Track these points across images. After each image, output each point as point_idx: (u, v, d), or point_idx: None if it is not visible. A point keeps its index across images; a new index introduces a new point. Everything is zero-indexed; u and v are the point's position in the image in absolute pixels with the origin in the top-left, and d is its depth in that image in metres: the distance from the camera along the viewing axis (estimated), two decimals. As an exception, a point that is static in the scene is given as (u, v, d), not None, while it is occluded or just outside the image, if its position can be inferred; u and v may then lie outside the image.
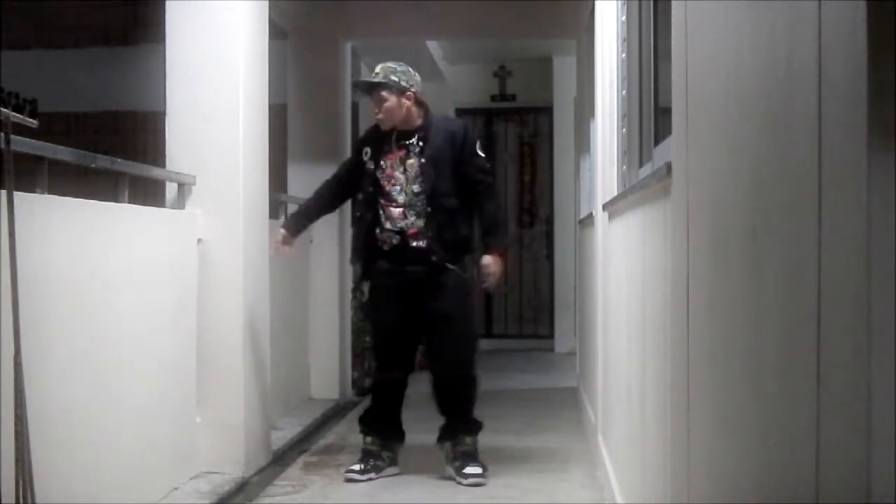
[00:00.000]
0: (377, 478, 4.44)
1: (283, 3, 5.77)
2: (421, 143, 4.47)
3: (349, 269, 6.89)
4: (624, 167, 3.76)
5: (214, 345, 4.28)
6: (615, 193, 3.88)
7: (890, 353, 0.91)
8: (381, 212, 4.43)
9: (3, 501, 2.56)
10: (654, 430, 2.59)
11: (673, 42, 2.20)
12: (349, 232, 6.84)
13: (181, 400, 4.10)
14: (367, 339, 6.70)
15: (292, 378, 5.99)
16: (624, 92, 3.71)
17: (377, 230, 4.44)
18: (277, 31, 6.09)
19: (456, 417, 4.52)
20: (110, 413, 3.40)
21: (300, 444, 5.15)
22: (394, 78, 4.46)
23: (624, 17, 3.75)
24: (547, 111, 9.59)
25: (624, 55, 3.73)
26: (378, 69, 4.53)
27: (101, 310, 3.36)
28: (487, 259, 4.54)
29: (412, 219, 4.41)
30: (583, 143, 6.69)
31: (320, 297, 6.45)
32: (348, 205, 6.70)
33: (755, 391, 1.42)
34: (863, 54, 0.94)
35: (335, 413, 6.09)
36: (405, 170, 4.44)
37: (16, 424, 2.53)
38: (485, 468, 4.40)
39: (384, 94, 4.45)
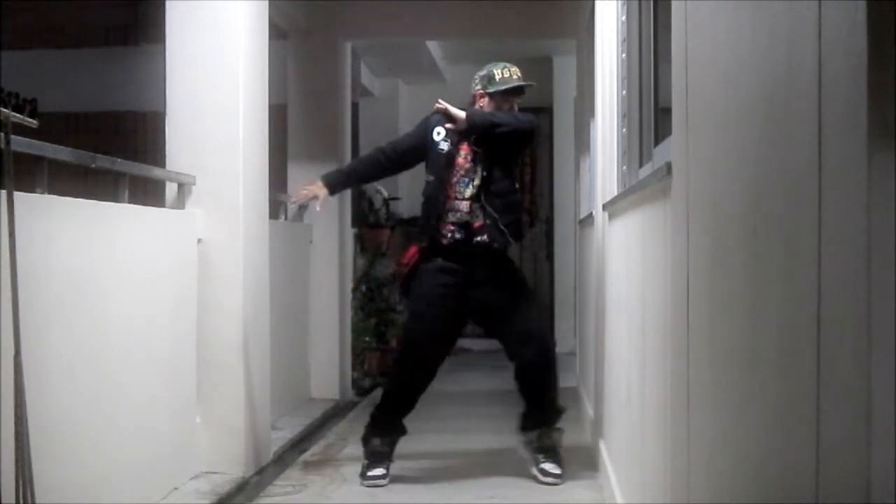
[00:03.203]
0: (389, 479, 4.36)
1: (283, 3, 5.77)
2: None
3: (349, 269, 6.89)
4: (624, 167, 3.76)
5: (214, 344, 4.28)
6: (615, 193, 3.88)
7: (890, 353, 0.91)
8: (446, 202, 4.36)
9: (3, 501, 2.56)
10: (654, 430, 2.59)
11: (673, 42, 2.20)
12: (349, 232, 6.86)
13: (181, 400, 4.09)
14: (374, 335, 6.70)
15: (292, 378, 5.98)
16: (624, 92, 3.71)
17: (440, 221, 4.36)
18: (277, 31, 6.09)
19: (542, 402, 4.50)
20: (110, 413, 3.40)
21: (300, 444, 5.15)
22: None
23: (624, 17, 3.75)
24: (547, 111, 9.57)
25: (624, 55, 3.73)
26: (518, 71, 4.54)
27: (101, 310, 3.36)
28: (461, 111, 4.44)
29: (478, 213, 4.35)
30: (583, 143, 6.69)
31: (320, 297, 6.44)
32: (348, 203, 6.78)
33: (755, 391, 1.42)
34: (863, 54, 0.94)
35: (335, 413, 6.09)
36: (475, 164, 4.38)
37: (16, 424, 2.53)
38: (563, 468, 4.37)
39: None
